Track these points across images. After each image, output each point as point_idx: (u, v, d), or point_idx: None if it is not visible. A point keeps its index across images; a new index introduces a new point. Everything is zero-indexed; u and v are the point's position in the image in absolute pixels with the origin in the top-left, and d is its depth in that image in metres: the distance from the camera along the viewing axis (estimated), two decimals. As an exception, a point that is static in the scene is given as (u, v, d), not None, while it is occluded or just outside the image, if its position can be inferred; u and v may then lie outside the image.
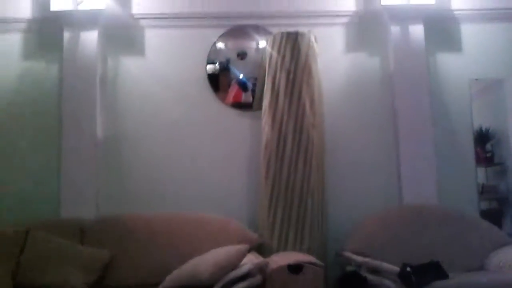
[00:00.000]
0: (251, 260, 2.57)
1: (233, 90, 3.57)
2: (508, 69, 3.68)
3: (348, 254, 2.92)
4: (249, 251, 2.84)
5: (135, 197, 3.39)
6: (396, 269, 2.48)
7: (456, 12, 3.65)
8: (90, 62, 3.41)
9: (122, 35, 3.59)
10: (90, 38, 3.43)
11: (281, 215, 3.07)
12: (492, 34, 3.69)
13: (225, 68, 3.57)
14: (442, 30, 3.66)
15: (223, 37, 3.58)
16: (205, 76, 3.54)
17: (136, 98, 3.53)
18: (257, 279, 2.51)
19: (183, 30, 3.59)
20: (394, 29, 3.51)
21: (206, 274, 2.27)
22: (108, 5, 3.47)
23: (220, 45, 3.59)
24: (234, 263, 2.45)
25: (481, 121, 3.69)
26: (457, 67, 3.64)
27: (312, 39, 3.33)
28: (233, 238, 2.95)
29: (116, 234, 3.02)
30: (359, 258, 2.74)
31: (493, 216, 3.59)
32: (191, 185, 3.43)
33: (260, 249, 3.03)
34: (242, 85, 3.57)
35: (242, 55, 3.58)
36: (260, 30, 3.58)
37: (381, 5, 3.49)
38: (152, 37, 3.60)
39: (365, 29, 3.63)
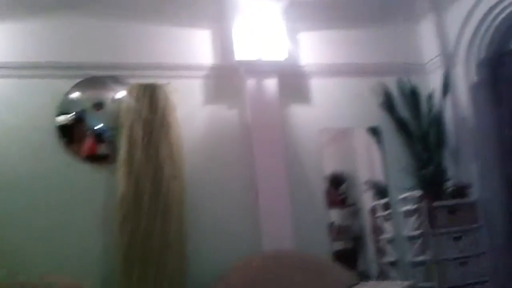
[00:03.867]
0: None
1: (89, 141, 3.42)
2: (355, 119, 4.03)
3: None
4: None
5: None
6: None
7: (305, 67, 3.95)
8: None
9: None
10: None
11: (138, 274, 2.97)
12: (338, 87, 4.03)
13: (80, 118, 3.42)
14: (294, 84, 3.91)
15: (78, 87, 3.44)
16: (55, 128, 3.35)
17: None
18: None
19: (32, 80, 3.37)
20: (250, 83, 3.68)
21: None
22: None
23: (75, 95, 3.44)
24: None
25: (335, 165, 3.98)
26: (308, 118, 3.90)
27: (170, 90, 3.36)
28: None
29: None
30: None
31: (348, 255, 3.87)
32: (40, 246, 3.15)
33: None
34: (99, 136, 3.44)
35: (98, 106, 3.47)
36: (118, 80, 3.50)
37: (237, 60, 3.65)
38: (-3, 87, 3.34)
39: (223, 82, 3.75)
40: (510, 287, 3.66)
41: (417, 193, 3.74)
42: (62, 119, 3.38)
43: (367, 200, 4.02)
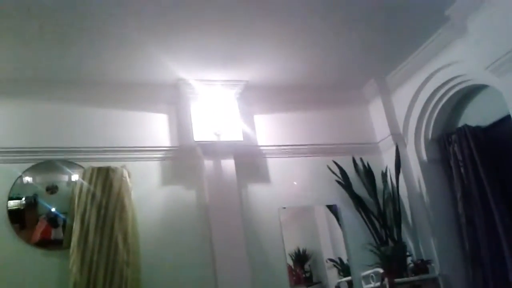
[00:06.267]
0: None
1: (42, 226, 3.32)
2: (313, 197, 4.05)
3: None
4: None
5: None
6: None
7: (262, 148, 4.02)
8: None
9: None
10: None
11: None
12: (295, 166, 4.09)
13: (32, 203, 3.33)
14: (251, 164, 3.95)
15: (30, 171, 3.39)
16: (5, 213, 3.24)
17: None
18: None
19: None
20: (208, 163, 3.72)
21: None
22: None
23: (27, 179, 3.38)
24: None
25: (297, 243, 3.93)
26: (267, 197, 3.90)
27: (125, 173, 3.34)
28: None
29: None
30: None
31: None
32: None
33: None
34: (52, 221, 3.35)
35: (52, 189, 3.41)
36: (72, 164, 3.47)
37: (195, 141, 3.71)
38: None
39: (180, 163, 3.77)
40: None
41: (379, 270, 3.70)
42: (14, 203, 3.29)
43: (332, 277, 3.95)
